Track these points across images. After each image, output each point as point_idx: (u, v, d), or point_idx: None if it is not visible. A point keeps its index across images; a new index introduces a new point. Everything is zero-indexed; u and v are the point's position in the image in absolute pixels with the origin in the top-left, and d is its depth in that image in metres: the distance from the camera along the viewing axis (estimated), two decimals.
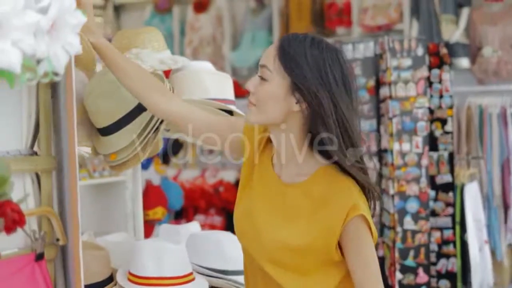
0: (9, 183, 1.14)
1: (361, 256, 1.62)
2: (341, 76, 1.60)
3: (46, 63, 1.10)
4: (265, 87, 1.62)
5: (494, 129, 4.94)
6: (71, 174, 1.30)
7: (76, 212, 1.30)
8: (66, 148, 1.32)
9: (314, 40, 1.63)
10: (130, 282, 2.01)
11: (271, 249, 1.65)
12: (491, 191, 4.88)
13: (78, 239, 1.31)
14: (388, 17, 5.44)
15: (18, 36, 1.05)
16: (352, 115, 1.60)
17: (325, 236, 1.60)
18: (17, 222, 1.12)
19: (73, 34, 1.15)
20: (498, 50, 5.10)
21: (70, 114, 1.29)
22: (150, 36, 2.17)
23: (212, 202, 4.75)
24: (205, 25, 6.16)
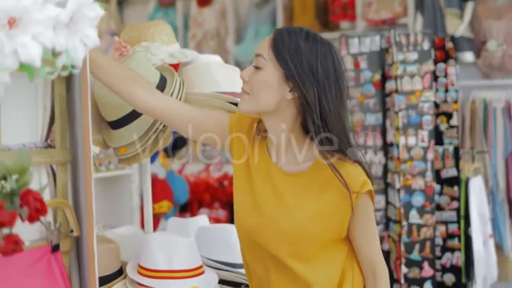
0: (29, 172, 1.15)
1: (368, 230, 1.75)
2: (333, 70, 1.66)
3: (65, 56, 1.11)
4: (259, 75, 1.68)
5: (499, 123, 4.94)
6: (86, 166, 1.30)
7: (91, 204, 1.31)
8: (80, 141, 1.32)
9: (308, 33, 1.69)
10: (140, 275, 2.02)
11: (289, 239, 1.70)
12: (495, 185, 4.89)
13: (92, 231, 1.32)
14: (393, 11, 5.43)
15: (38, 29, 1.05)
16: (340, 108, 1.66)
17: (338, 214, 1.70)
18: (40, 211, 1.13)
19: (90, 27, 1.15)
20: (503, 44, 5.09)
21: (85, 107, 1.30)
22: (159, 30, 2.17)
23: (216, 196, 4.75)
24: (209, 19, 6.15)
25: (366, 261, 1.77)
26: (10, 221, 1.07)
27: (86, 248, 1.32)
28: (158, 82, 1.98)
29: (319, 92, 1.63)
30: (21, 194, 1.12)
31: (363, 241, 1.76)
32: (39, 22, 1.05)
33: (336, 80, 1.66)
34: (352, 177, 1.67)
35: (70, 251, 1.38)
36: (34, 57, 1.05)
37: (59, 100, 1.33)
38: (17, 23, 1.05)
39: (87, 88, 1.30)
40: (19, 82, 1.20)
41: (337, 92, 1.66)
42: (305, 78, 1.63)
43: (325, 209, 1.69)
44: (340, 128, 1.65)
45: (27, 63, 1.05)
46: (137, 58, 1.97)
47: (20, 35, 1.05)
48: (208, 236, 2.22)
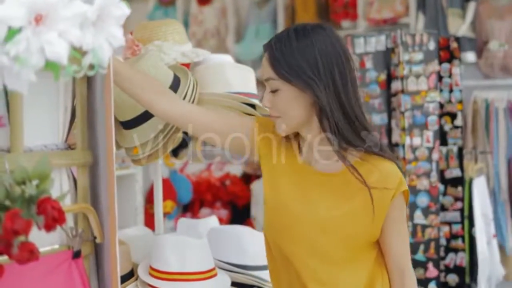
0: (50, 179, 1.11)
1: (401, 231, 1.71)
2: (336, 54, 1.63)
3: (91, 55, 1.07)
4: (278, 97, 1.66)
5: (501, 124, 4.93)
6: (109, 168, 1.27)
7: (114, 207, 1.28)
8: (103, 142, 1.29)
9: (297, 30, 1.66)
10: (152, 277, 1.99)
11: (319, 240, 1.66)
12: (497, 186, 4.88)
13: (115, 236, 1.28)
14: (394, 11, 5.41)
15: (65, 27, 1.02)
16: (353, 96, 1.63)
17: (372, 216, 1.65)
18: (57, 220, 1.09)
19: (117, 26, 1.12)
20: (505, 44, 5.08)
21: (109, 107, 1.27)
22: (171, 29, 2.15)
23: (218, 195, 4.72)
24: (209, 17, 6.12)
25: (395, 265, 1.71)
26: (25, 230, 1.03)
27: (108, 254, 1.29)
28: (171, 82, 1.95)
29: (328, 88, 1.61)
30: (38, 201, 1.09)
31: (395, 242, 1.70)
32: (66, 19, 1.02)
33: (342, 63, 1.63)
34: (390, 174, 1.65)
35: (90, 254, 1.35)
36: (60, 55, 1.02)
37: (80, 99, 1.30)
38: (43, 20, 1.02)
39: (111, 88, 1.27)
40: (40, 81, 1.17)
41: (347, 78, 1.63)
42: (310, 80, 1.60)
43: (358, 211, 1.65)
44: (361, 122, 1.64)
45: (53, 61, 1.02)
46: (150, 57, 1.94)
47: (47, 32, 1.02)
48: (220, 237, 2.19)
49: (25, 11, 1.00)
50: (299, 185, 1.71)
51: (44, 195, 1.10)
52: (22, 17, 1.00)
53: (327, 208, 1.67)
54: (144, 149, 1.90)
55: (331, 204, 1.67)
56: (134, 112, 1.90)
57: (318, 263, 1.67)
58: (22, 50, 1.00)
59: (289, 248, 1.70)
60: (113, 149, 1.27)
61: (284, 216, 1.70)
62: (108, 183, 1.26)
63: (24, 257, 1.07)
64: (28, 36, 1.01)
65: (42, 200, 1.11)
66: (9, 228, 0.98)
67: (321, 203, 1.68)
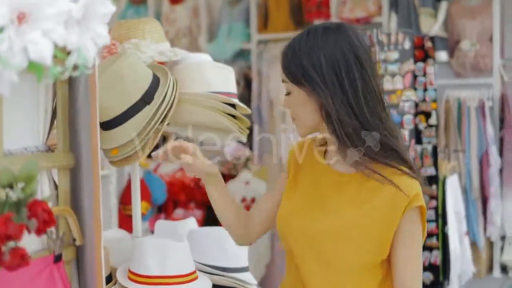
0: (36, 181, 1.07)
1: (411, 250, 1.58)
2: (343, 57, 1.58)
3: (76, 55, 1.03)
4: (291, 99, 1.66)
5: (473, 122, 4.98)
6: (94, 170, 1.23)
7: (98, 210, 1.24)
8: (85, 144, 1.25)
9: (309, 33, 1.63)
10: (131, 281, 1.95)
11: (320, 241, 1.61)
12: (469, 184, 4.93)
13: (100, 240, 1.25)
14: (367, 10, 5.43)
15: (49, 25, 0.98)
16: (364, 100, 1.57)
17: (382, 225, 1.56)
18: (47, 223, 1.05)
19: (102, 25, 1.08)
20: (476, 43, 5.13)
21: (93, 108, 1.23)
22: (149, 27, 2.11)
23: (192, 196, 4.68)
24: (181, 16, 6.07)
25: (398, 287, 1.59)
26: (17, 235, 1.00)
27: (92, 259, 1.25)
28: (150, 81, 1.91)
29: (335, 92, 1.57)
30: (28, 204, 1.05)
31: (402, 261, 1.58)
32: (50, 18, 0.98)
33: (351, 66, 1.57)
34: (405, 186, 1.55)
35: (72, 260, 1.31)
36: (44, 55, 0.98)
37: (62, 100, 1.26)
38: (27, 19, 0.97)
39: (96, 88, 1.23)
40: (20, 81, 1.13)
41: (356, 82, 1.57)
42: (315, 84, 1.58)
43: (369, 216, 1.57)
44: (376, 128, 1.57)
45: (37, 61, 0.98)
46: (129, 56, 1.90)
47: (30, 31, 0.98)
48: (200, 239, 2.16)
49: (7, 9, 0.96)
50: (315, 186, 1.68)
51: (31, 199, 1.07)
52: (4, 16, 0.96)
53: (337, 211, 1.61)
54: (123, 150, 1.86)
55: (343, 207, 1.61)
56: (113, 112, 1.85)
57: (323, 272, 1.62)
58: (4, 50, 0.96)
59: (298, 253, 1.66)
60: (98, 150, 1.23)
61: (296, 220, 1.67)
62: (93, 186, 1.22)
63: (15, 263, 1.03)
64: (10, 36, 0.97)
65: (32, 203, 1.07)
66: (2, 234, 0.94)
67: (332, 205, 1.63)
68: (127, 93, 1.85)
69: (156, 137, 1.90)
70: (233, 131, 2.04)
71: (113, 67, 1.84)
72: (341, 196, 1.63)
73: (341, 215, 1.60)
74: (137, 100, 1.87)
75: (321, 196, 1.66)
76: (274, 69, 5.69)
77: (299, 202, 1.69)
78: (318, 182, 1.69)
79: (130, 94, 1.86)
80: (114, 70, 1.84)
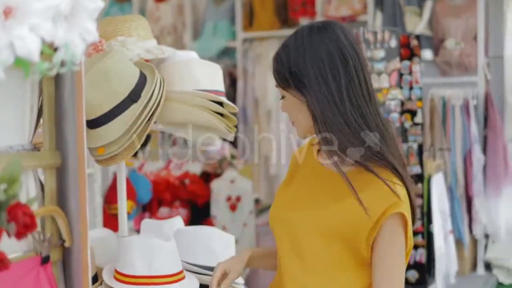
0: (19, 183, 1.04)
1: (387, 260, 1.54)
2: (328, 57, 1.56)
3: (64, 51, 1.01)
4: (286, 103, 1.67)
5: (457, 121, 5.00)
6: (79, 170, 1.20)
7: (85, 210, 1.21)
8: (72, 143, 1.23)
9: (296, 34, 1.64)
10: (118, 282, 1.92)
11: (296, 232, 1.63)
12: (454, 182, 4.94)
13: (86, 240, 1.22)
14: (352, 8, 5.43)
15: (37, 21, 0.95)
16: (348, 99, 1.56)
17: (358, 222, 1.54)
18: (28, 227, 1.02)
19: (90, 20, 1.06)
20: (461, 42, 5.15)
21: (80, 107, 1.20)
22: (136, 24, 2.08)
23: (177, 194, 4.64)
24: (166, 14, 6.03)
25: None
26: None
27: (79, 260, 1.22)
28: (137, 79, 1.88)
29: (319, 92, 1.56)
30: (9, 208, 1.02)
31: (378, 274, 1.54)
32: (38, 13, 0.95)
33: (336, 65, 1.55)
34: (384, 192, 1.52)
35: (58, 260, 1.29)
36: (31, 51, 0.95)
37: (48, 98, 1.23)
38: (13, 13, 0.95)
39: (82, 86, 1.20)
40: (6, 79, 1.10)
41: (341, 81, 1.55)
42: (300, 85, 1.58)
43: (348, 211, 1.56)
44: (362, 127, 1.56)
45: (24, 57, 0.96)
46: (115, 54, 1.88)
47: (17, 26, 0.95)
48: (187, 239, 2.14)
49: None
50: (305, 182, 1.71)
51: (13, 201, 1.04)
52: None
53: (316, 206, 1.63)
54: (110, 149, 1.83)
55: (323, 202, 1.62)
56: (99, 110, 1.83)
57: (298, 264, 1.63)
58: None
59: (279, 244, 1.69)
60: (85, 149, 1.21)
61: (283, 211, 1.70)
62: (80, 185, 1.20)
63: None
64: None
65: (13, 207, 1.04)
66: None
67: (314, 200, 1.65)
68: (113, 91, 1.83)
69: (142, 135, 1.87)
70: (221, 130, 2.02)
71: (100, 65, 1.82)
72: (324, 191, 1.64)
73: (318, 209, 1.62)
74: (123, 98, 1.84)
75: (308, 191, 1.69)
76: (259, 67, 5.68)
77: (289, 196, 1.73)
78: (309, 178, 1.71)
79: (117, 92, 1.83)
80: (101, 68, 1.82)
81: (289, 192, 1.75)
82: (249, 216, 4.74)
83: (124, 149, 1.85)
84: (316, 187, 1.67)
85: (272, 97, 5.52)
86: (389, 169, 1.56)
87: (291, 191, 1.74)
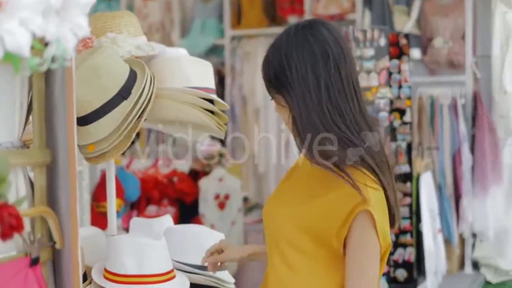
0: (7, 182, 1.02)
1: (356, 260, 1.55)
2: (311, 57, 1.56)
3: (55, 47, 0.99)
4: (276, 105, 1.65)
5: (445, 120, 5.01)
6: (70, 168, 1.18)
7: (75, 210, 1.19)
8: (62, 140, 1.20)
9: (282, 34, 1.63)
10: (107, 281, 1.90)
11: (282, 227, 1.65)
12: (443, 181, 4.95)
13: (77, 241, 1.20)
14: (341, 7, 5.43)
15: (27, 15, 0.93)
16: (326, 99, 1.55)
17: (328, 218, 1.56)
18: (14, 228, 1.00)
19: (82, 15, 1.04)
20: (449, 41, 5.16)
21: (70, 103, 1.18)
22: (125, 21, 2.06)
23: (165, 192, 4.62)
24: (154, 11, 6.00)
25: None
26: None
27: (69, 260, 1.20)
28: (127, 76, 1.86)
29: (300, 94, 1.55)
30: None
31: (350, 271, 1.54)
32: (28, 7, 0.93)
33: (318, 65, 1.54)
34: (352, 191, 1.51)
35: (48, 261, 1.26)
36: (21, 46, 0.93)
37: (38, 94, 1.21)
38: (3, 7, 0.92)
39: (73, 82, 1.18)
40: None
41: (321, 82, 1.54)
42: (282, 87, 1.58)
43: (321, 207, 1.58)
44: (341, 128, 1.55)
45: (14, 52, 0.93)
46: (105, 50, 1.85)
47: (7, 20, 0.92)
48: (177, 237, 2.12)
49: None
50: (295, 179, 1.74)
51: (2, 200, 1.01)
52: None
53: (296, 201, 1.66)
54: (100, 146, 1.81)
55: (302, 197, 1.65)
56: (89, 107, 1.80)
57: (278, 257, 1.65)
58: None
59: (266, 240, 1.73)
60: (75, 147, 1.19)
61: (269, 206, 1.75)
62: (70, 184, 1.17)
63: None
64: None
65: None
66: None
67: (297, 195, 1.67)
68: (103, 87, 1.81)
69: (133, 133, 1.85)
70: (211, 128, 2.00)
71: (89, 61, 1.79)
72: (305, 188, 1.67)
73: (296, 205, 1.65)
74: (114, 95, 1.82)
75: (295, 188, 1.72)
76: (247, 65, 5.66)
77: (280, 193, 1.76)
78: (299, 176, 1.74)
79: (107, 88, 1.81)
80: (90, 64, 1.79)
81: (281, 190, 1.77)
82: (238, 214, 4.72)
83: (114, 146, 1.83)
84: (301, 184, 1.70)
85: (260, 95, 5.51)
86: (368, 170, 1.55)
87: (283, 189, 1.77)
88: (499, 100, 5.00)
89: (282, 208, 1.69)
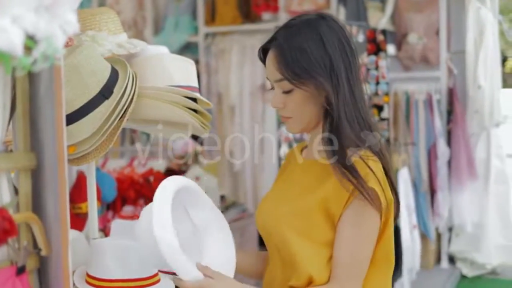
0: None
1: (347, 234, 1.55)
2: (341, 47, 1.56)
3: (45, 44, 0.93)
4: (293, 97, 1.61)
5: (421, 115, 5.03)
6: (59, 172, 1.13)
7: (66, 217, 1.14)
8: (48, 143, 1.15)
9: (301, 25, 1.60)
10: (90, 286, 1.84)
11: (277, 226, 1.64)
12: (418, 176, 4.97)
13: (67, 248, 1.14)
14: (315, 3, 5.40)
15: (20, 11, 0.87)
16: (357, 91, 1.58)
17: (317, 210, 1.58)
18: (8, 232, 0.95)
19: (71, 11, 0.98)
20: (423, 37, 5.18)
21: (59, 104, 1.12)
22: (105, 18, 1.99)
23: (141, 192, 4.54)
24: (126, 8, 5.91)
25: (332, 271, 1.57)
26: None
27: (59, 268, 1.14)
28: (109, 75, 1.80)
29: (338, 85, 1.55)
30: None
31: (338, 245, 1.56)
32: (21, 3, 0.88)
33: (347, 56, 1.56)
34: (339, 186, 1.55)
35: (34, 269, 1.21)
36: (15, 45, 0.88)
37: (22, 96, 1.15)
38: None
39: (61, 82, 1.13)
40: None
41: (352, 72, 1.57)
42: (321, 78, 1.55)
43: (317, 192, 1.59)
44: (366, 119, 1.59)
45: (6, 51, 0.88)
46: (85, 49, 1.79)
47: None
48: None
49: None
50: (287, 178, 1.75)
51: None
52: None
53: (288, 198, 1.66)
54: (82, 147, 1.75)
55: (295, 194, 1.65)
56: (70, 107, 1.74)
57: (276, 255, 1.66)
58: None
59: (264, 240, 1.74)
60: (65, 150, 1.13)
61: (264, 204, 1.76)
62: (59, 188, 1.12)
63: None
64: None
65: None
66: None
67: (288, 193, 1.68)
68: (84, 86, 1.75)
69: (115, 133, 1.80)
70: (195, 126, 1.96)
71: (69, 60, 1.73)
72: (298, 184, 1.67)
73: (289, 202, 1.65)
74: (95, 94, 1.76)
75: (286, 185, 1.73)
76: (222, 62, 5.61)
77: (272, 193, 1.77)
78: (290, 175, 1.75)
79: (88, 88, 1.75)
80: (71, 63, 1.73)
81: (273, 190, 1.79)
82: None
83: (96, 147, 1.78)
84: (294, 181, 1.71)
85: (235, 92, 5.46)
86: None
87: (275, 188, 1.78)
88: (473, 95, 5.04)
89: (275, 206, 1.69)
